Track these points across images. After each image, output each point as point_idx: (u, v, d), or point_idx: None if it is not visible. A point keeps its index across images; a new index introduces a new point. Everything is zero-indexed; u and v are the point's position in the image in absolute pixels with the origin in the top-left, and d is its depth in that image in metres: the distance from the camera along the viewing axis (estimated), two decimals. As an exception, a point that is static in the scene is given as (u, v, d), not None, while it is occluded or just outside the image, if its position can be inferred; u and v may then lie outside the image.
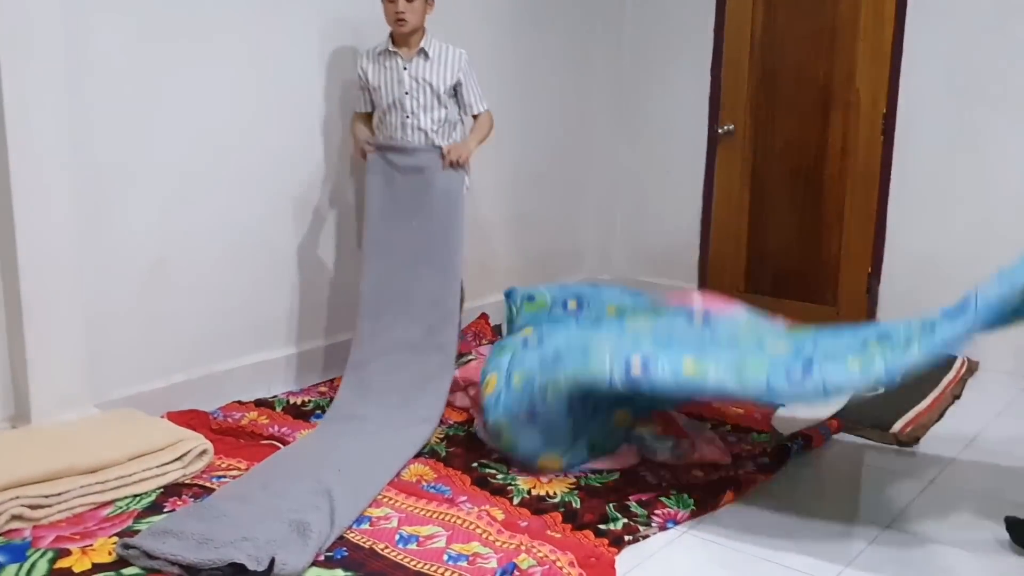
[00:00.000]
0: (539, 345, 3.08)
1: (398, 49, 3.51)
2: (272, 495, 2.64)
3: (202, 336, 3.53)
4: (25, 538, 2.46)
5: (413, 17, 3.42)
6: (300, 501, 2.59)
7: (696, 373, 2.57)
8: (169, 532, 2.41)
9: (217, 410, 3.45)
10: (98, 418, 3.06)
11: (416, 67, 3.51)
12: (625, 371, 2.61)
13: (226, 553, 2.30)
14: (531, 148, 4.94)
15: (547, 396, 2.80)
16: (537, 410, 2.84)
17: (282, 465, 2.89)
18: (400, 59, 3.50)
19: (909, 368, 2.47)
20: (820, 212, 4.78)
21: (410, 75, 3.51)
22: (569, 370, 2.76)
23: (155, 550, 2.33)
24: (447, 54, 3.54)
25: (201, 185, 3.44)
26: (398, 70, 3.51)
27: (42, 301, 2.97)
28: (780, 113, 4.84)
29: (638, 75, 5.30)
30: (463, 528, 2.57)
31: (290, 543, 2.37)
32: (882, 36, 4.45)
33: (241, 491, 2.68)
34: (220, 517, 2.49)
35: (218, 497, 2.66)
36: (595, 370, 2.69)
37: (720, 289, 5.09)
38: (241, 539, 2.37)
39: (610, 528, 2.62)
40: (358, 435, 3.13)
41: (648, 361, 2.60)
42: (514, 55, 4.73)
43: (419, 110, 3.53)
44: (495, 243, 4.81)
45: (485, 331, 4.57)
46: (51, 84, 2.91)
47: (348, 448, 3.02)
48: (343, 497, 2.62)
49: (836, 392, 2.53)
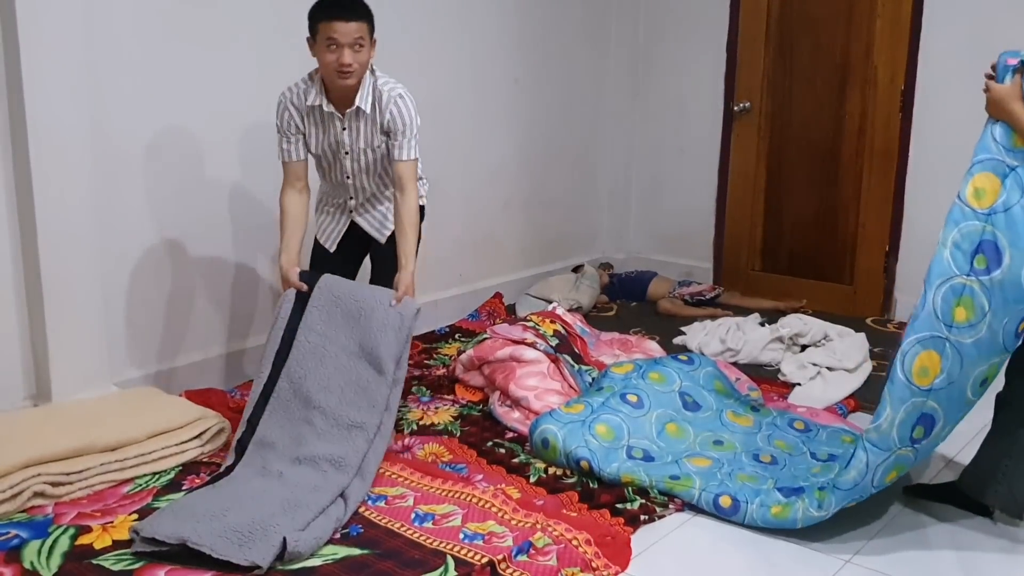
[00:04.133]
0: (640, 409, 3.06)
1: (333, 105, 2.92)
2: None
3: (219, 315, 3.55)
4: (47, 515, 2.50)
5: (360, 68, 2.83)
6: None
7: (782, 515, 2.56)
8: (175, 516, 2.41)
9: (234, 388, 3.48)
10: (117, 396, 3.09)
11: (356, 129, 2.96)
12: (713, 503, 2.64)
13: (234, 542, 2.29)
14: (545, 127, 4.92)
15: (619, 477, 2.77)
16: (600, 471, 2.81)
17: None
18: (338, 120, 2.94)
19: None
20: (837, 190, 4.75)
21: (350, 136, 2.97)
22: (655, 479, 2.74)
23: (165, 535, 2.32)
24: (380, 104, 2.93)
25: (220, 165, 3.45)
26: (336, 132, 2.97)
27: (62, 281, 2.99)
28: (797, 90, 4.80)
29: (653, 52, 5.26)
30: (479, 507, 2.59)
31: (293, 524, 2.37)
32: (900, 11, 4.40)
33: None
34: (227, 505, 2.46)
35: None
36: (680, 491, 2.70)
37: (736, 268, 5.09)
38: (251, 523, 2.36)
39: (626, 508, 2.62)
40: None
41: (738, 501, 2.62)
42: (529, 34, 4.71)
43: (360, 173, 3.05)
44: (508, 223, 4.81)
45: (499, 310, 4.58)
46: (70, 67, 2.91)
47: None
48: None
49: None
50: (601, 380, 3.27)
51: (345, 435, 2.74)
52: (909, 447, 2.42)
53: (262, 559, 2.25)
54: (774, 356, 3.97)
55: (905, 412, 2.37)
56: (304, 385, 2.83)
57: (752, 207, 5.02)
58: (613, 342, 4.05)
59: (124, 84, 3.14)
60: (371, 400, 2.79)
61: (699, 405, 3.18)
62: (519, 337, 3.57)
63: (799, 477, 2.75)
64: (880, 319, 4.60)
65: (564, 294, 4.64)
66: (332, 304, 2.92)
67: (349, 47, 2.78)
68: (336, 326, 2.90)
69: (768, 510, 2.57)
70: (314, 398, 2.81)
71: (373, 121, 2.96)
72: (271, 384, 2.86)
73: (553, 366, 3.48)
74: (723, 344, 4.08)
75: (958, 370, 2.33)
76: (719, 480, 2.72)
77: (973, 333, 2.31)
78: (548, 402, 3.26)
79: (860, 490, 2.47)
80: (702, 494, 2.66)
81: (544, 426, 2.95)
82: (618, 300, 4.95)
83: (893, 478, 2.51)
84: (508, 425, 3.22)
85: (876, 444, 2.41)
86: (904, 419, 2.38)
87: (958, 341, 2.31)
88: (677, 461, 2.87)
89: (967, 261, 2.33)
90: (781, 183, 4.93)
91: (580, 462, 2.82)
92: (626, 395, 3.11)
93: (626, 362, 3.40)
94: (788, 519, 2.54)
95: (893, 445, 2.40)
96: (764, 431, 3.07)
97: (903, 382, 2.36)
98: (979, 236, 2.33)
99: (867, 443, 2.43)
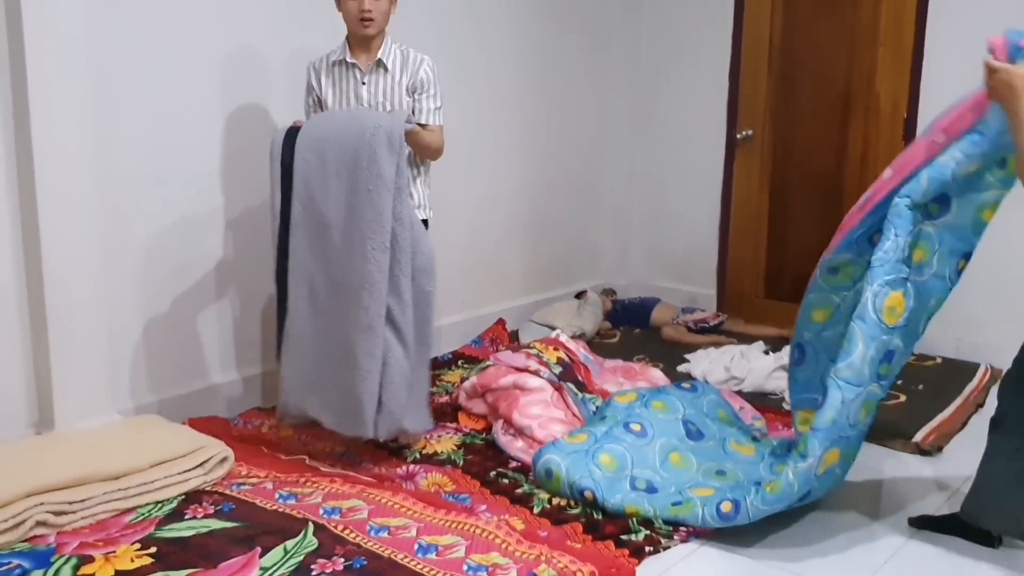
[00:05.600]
0: (644, 438, 3.06)
1: (356, 58, 3.12)
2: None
3: (223, 343, 3.54)
4: (49, 544, 2.49)
5: (380, 17, 3.04)
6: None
7: (777, 488, 2.60)
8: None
9: (237, 417, 3.48)
10: (121, 425, 3.08)
11: (374, 82, 3.13)
12: (716, 513, 2.65)
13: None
14: (548, 151, 4.94)
15: (623, 508, 2.76)
16: (604, 502, 2.80)
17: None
18: (358, 71, 3.12)
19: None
20: (840, 217, 4.68)
21: (368, 91, 3.13)
22: (658, 510, 2.74)
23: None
24: (408, 63, 3.13)
25: (224, 193, 3.46)
26: (355, 85, 3.14)
27: (66, 309, 2.99)
28: (799, 118, 4.82)
29: (656, 79, 5.29)
30: (483, 538, 2.57)
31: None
32: (903, 40, 4.42)
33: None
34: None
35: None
36: (683, 515, 2.70)
37: (739, 295, 5.09)
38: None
39: (631, 539, 2.61)
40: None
41: (737, 501, 2.64)
42: (533, 59, 4.73)
43: None
44: (511, 248, 4.82)
45: (502, 336, 4.57)
46: (76, 94, 2.93)
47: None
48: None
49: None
50: (604, 409, 3.26)
51: (363, 251, 2.89)
52: (877, 383, 2.60)
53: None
54: (779, 384, 3.96)
55: (875, 349, 2.54)
56: (313, 205, 2.99)
57: (755, 234, 5.02)
58: (617, 370, 4.04)
59: (130, 113, 3.15)
60: (376, 210, 2.88)
61: (702, 434, 3.17)
62: (522, 365, 3.56)
63: None
64: (884, 346, 4.59)
65: (567, 320, 4.64)
66: (317, 143, 2.99)
67: None
68: (326, 150, 2.98)
69: (764, 491, 2.60)
70: (326, 216, 2.97)
71: (397, 80, 3.12)
72: (286, 206, 3.04)
73: (557, 394, 3.47)
74: (727, 372, 4.07)
75: (916, 307, 2.61)
76: (718, 497, 2.72)
77: (927, 272, 2.63)
78: (551, 431, 3.25)
79: (838, 428, 2.56)
80: (704, 510, 2.65)
81: (548, 456, 2.94)
82: (621, 326, 4.94)
83: (864, 417, 2.65)
84: (512, 454, 3.21)
85: (849, 380, 2.54)
86: (874, 356, 2.55)
87: (917, 280, 2.61)
88: (680, 491, 2.85)
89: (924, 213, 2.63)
90: (784, 210, 4.94)
91: (584, 492, 2.81)
92: (629, 424, 3.10)
93: (629, 391, 3.39)
94: (783, 490, 2.58)
95: (864, 381, 2.55)
96: (766, 460, 3.06)
97: (874, 320, 2.53)
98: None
99: (840, 381, 2.55)
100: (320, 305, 3.04)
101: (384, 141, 2.86)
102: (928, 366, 4.29)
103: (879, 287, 2.55)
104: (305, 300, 3.06)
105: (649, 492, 2.85)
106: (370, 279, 2.89)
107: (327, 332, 3.03)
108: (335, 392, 3.01)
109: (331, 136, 2.96)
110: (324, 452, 3.23)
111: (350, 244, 2.93)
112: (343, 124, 3.00)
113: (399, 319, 2.97)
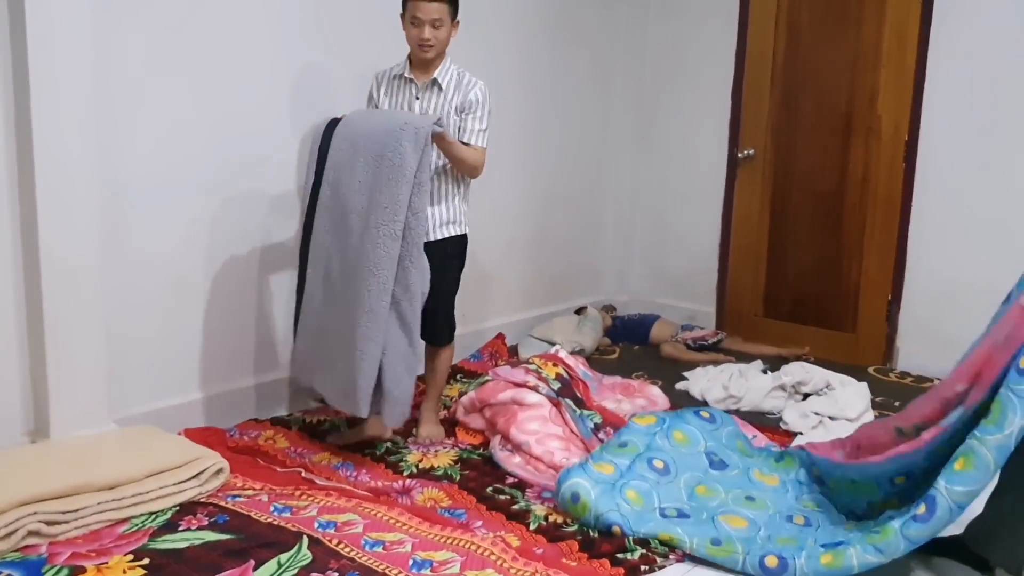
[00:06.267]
0: (667, 475, 3.01)
1: (414, 74, 3.31)
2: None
3: (220, 353, 3.54)
4: (41, 554, 2.47)
5: (439, 43, 3.23)
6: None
7: (835, 564, 2.51)
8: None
9: (234, 428, 3.46)
10: (116, 434, 3.07)
11: (427, 99, 3.30)
12: (759, 566, 2.58)
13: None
14: (551, 169, 4.95)
15: (657, 539, 2.71)
16: (634, 533, 2.75)
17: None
18: (414, 87, 3.31)
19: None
20: (840, 238, 4.76)
21: (421, 106, 3.31)
22: (696, 542, 2.68)
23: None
24: (461, 84, 3.29)
25: (222, 203, 3.46)
26: (409, 98, 3.33)
27: (64, 317, 2.99)
28: (801, 138, 4.83)
29: (659, 97, 5.31)
30: (478, 554, 2.56)
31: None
32: (905, 62, 4.44)
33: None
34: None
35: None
36: (722, 557, 2.64)
37: (739, 313, 5.09)
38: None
39: (627, 558, 2.60)
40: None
41: (785, 559, 2.56)
42: (537, 77, 4.75)
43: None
44: (512, 263, 4.82)
45: (502, 351, 4.56)
46: (78, 102, 2.93)
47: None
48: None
49: None
50: (623, 433, 3.17)
51: (375, 236, 3.03)
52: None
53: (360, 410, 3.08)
54: (776, 404, 3.96)
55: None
56: (339, 190, 3.14)
57: (755, 253, 5.03)
58: (615, 386, 4.03)
59: (131, 122, 3.15)
60: (393, 198, 3.01)
61: (725, 464, 3.13)
62: (521, 380, 3.56)
63: (836, 533, 2.70)
64: (882, 368, 4.59)
65: (567, 336, 4.63)
66: (352, 134, 3.18)
67: (429, 24, 3.18)
68: (358, 140, 3.15)
69: (817, 561, 2.51)
70: (349, 201, 3.11)
71: (448, 99, 3.29)
72: (316, 189, 3.21)
73: (555, 410, 3.47)
74: (726, 391, 4.06)
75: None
76: (760, 544, 2.66)
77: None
78: (549, 447, 3.24)
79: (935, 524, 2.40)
80: (746, 558, 2.59)
81: (576, 480, 2.85)
82: (621, 343, 4.94)
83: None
84: (509, 470, 3.19)
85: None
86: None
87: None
88: (712, 518, 2.81)
89: None
90: (784, 230, 4.94)
91: (612, 527, 2.74)
92: (652, 460, 3.03)
93: (648, 414, 3.35)
94: (843, 567, 2.48)
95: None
96: (792, 491, 3.02)
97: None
98: None
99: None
100: (334, 286, 3.18)
101: (411, 136, 3.01)
102: (926, 388, 4.27)
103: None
104: (321, 280, 3.22)
105: (681, 518, 2.81)
106: (378, 264, 3.02)
107: (336, 312, 3.16)
108: (337, 371, 3.15)
109: (366, 129, 3.15)
110: (320, 465, 3.22)
111: (366, 229, 3.06)
112: (379, 120, 3.20)
113: (405, 308, 3.09)
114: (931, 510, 2.38)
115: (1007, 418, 2.30)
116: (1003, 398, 2.32)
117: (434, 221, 3.33)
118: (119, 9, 3.06)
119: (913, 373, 4.50)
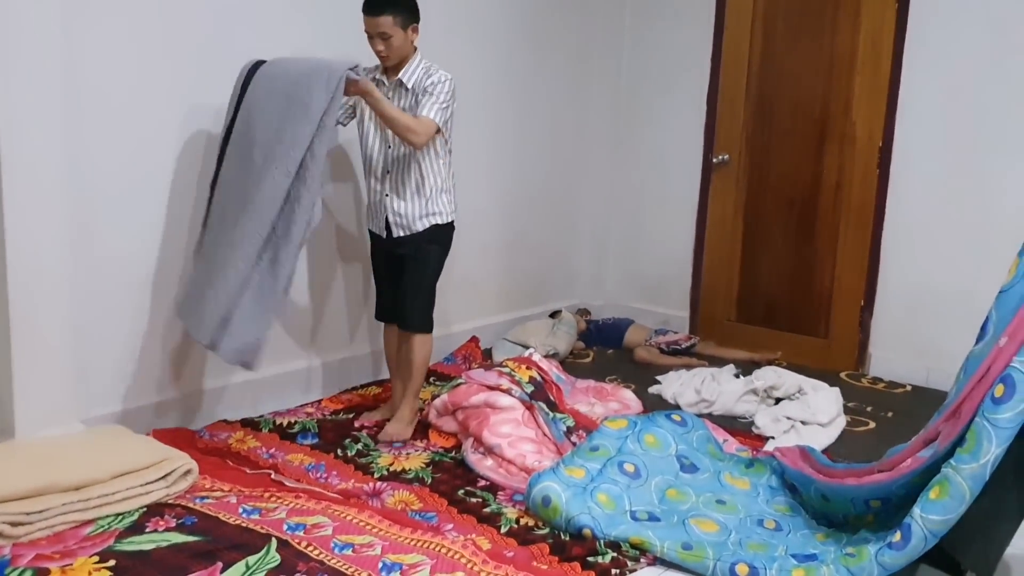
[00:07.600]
0: (638, 479, 3.00)
1: (384, 75, 3.40)
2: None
3: (190, 354, 3.50)
4: (4, 556, 2.43)
5: (394, 52, 3.28)
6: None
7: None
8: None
9: (203, 429, 3.43)
10: (83, 434, 3.02)
11: (395, 98, 3.36)
12: (730, 573, 2.56)
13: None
14: (526, 173, 4.94)
15: (628, 543, 2.69)
16: (605, 536, 2.74)
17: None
18: (383, 86, 3.36)
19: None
20: (813, 244, 4.79)
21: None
22: (667, 546, 2.66)
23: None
24: (424, 78, 3.33)
25: (191, 203, 3.43)
26: None
27: (30, 315, 2.94)
28: (776, 144, 4.86)
29: (635, 103, 5.32)
30: (448, 557, 2.54)
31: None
32: (880, 70, 4.47)
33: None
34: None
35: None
36: (693, 563, 2.63)
37: (712, 318, 5.11)
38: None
39: (598, 561, 2.59)
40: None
41: (756, 568, 2.56)
42: (511, 81, 4.75)
43: (394, 142, 3.37)
44: (487, 266, 4.81)
45: (476, 354, 4.55)
46: (47, 103, 2.88)
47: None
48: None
49: None
50: (595, 436, 3.18)
51: (270, 169, 3.02)
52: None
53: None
54: (748, 408, 3.97)
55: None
56: (250, 125, 3.12)
57: (729, 258, 5.05)
58: (589, 390, 4.03)
59: (99, 121, 3.11)
60: (292, 136, 3.00)
61: (696, 467, 3.14)
62: (494, 383, 3.55)
63: (809, 543, 2.71)
64: (854, 373, 4.62)
65: (541, 339, 4.63)
66: (272, 74, 3.17)
67: (378, 36, 3.24)
68: (276, 80, 3.15)
69: (789, 575, 2.52)
70: (256, 136, 3.09)
71: (414, 95, 3.32)
72: (232, 125, 3.19)
73: (527, 413, 3.46)
74: (698, 395, 4.07)
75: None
76: (731, 550, 2.66)
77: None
78: (521, 450, 3.23)
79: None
80: (716, 564, 2.59)
81: (547, 483, 2.86)
82: (595, 347, 4.94)
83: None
84: (480, 473, 3.18)
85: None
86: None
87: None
88: (683, 522, 2.81)
89: None
90: (758, 235, 4.97)
91: (583, 530, 2.74)
92: (623, 464, 3.04)
93: (620, 417, 3.36)
94: None
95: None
96: (763, 495, 3.03)
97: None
98: None
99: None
100: (227, 217, 3.14)
101: (322, 78, 3.02)
102: (898, 394, 4.32)
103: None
104: (220, 211, 3.19)
105: (652, 521, 2.81)
106: (264, 195, 3.02)
107: (222, 241, 3.13)
108: (205, 297, 3.11)
109: (284, 71, 3.15)
110: (291, 466, 3.19)
111: (264, 163, 3.05)
112: (300, 63, 3.18)
113: (280, 246, 3.05)
114: (906, 538, 2.38)
115: (982, 447, 2.30)
116: (978, 427, 2.32)
117: (405, 217, 3.42)
118: (89, 8, 3.02)
119: (885, 379, 4.53)
